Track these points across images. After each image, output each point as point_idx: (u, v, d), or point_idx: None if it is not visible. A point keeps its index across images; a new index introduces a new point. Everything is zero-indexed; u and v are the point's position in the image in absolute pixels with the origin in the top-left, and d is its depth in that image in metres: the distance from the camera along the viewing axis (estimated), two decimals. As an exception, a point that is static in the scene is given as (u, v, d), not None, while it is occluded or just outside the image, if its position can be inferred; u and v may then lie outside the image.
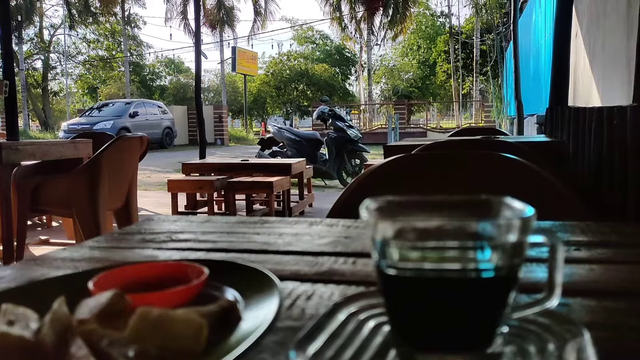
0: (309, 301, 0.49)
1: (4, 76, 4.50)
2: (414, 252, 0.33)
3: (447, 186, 1.39)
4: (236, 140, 23.69)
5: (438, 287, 0.33)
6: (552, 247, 0.35)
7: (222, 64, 31.38)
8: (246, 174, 5.73)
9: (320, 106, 9.43)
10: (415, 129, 20.69)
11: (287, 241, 0.71)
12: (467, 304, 0.33)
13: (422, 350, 0.33)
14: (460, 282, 0.32)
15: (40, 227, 5.37)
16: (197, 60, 7.92)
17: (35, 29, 30.54)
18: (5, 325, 0.34)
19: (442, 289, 0.33)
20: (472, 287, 0.32)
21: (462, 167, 1.44)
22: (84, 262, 0.63)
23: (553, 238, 0.35)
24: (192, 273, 0.46)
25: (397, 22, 26.86)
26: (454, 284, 0.32)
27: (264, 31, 31.19)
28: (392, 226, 0.33)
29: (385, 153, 2.90)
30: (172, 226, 0.83)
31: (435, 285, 0.33)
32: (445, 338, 0.33)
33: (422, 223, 0.33)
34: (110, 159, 3.50)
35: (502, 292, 0.33)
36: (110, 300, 0.38)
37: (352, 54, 38.76)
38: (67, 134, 16.56)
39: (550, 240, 0.35)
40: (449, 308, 0.33)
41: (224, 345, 0.36)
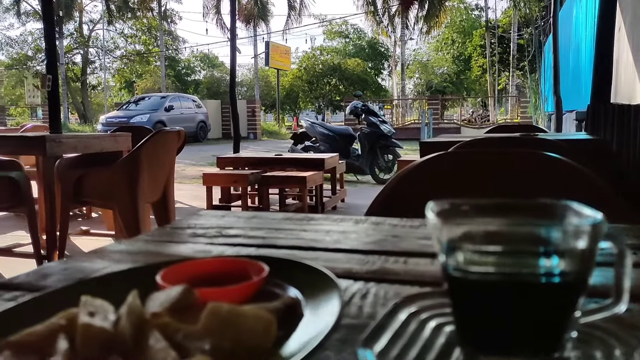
0: (364, 300, 0.49)
1: (47, 71, 4.63)
2: (482, 256, 0.33)
3: (491, 186, 1.37)
4: (268, 134, 23.85)
5: (505, 291, 0.33)
6: (620, 252, 0.35)
7: (256, 58, 31.59)
8: (279, 168, 5.77)
9: (353, 101, 9.41)
10: (449, 124, 20.43)
11: (335, 239, 0.72)
12: (534, 308, 0.33)
13: (487, 353, 0.34)
14: (528, 287, 0.33)
15: (80, 218, 5.52)
16: (232, 55, 8.00)
17: (75, 24, 31.32)
18: (88, 317, 0.36)
19: (509, 293, 0.33)
20: (540, 293, 0.33)
21: (506, 167, 1.42)
22: (141, 256, 0.65)
23: (620, 243, 0.35)
24: (253, 269, 0.47)
25: (432, 16, 26.54)
26: (521, 288, 0.33)
27: (298, 26, 31.22)
28: (460, 229, 0.33)
29: (422, 149, 2.89)
30: (220, 221, 0.85)
31: (502, 289, 0.33)
32: (511, 341, 0.34)
33: (491, 227, 0.34)
34: (149, 152, 3.57)
35: (570, 298, 0.33)
36: (180, 295, 0.39)
37: (385, 48, 38.49)
38: (105, 126, 16.95)
39: (617, 246, 0.35)
40: (516, 312, 0.33)
41: (290, 341, 0.37)
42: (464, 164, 1.56)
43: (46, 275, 0.58)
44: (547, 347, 0.33)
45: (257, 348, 0.35)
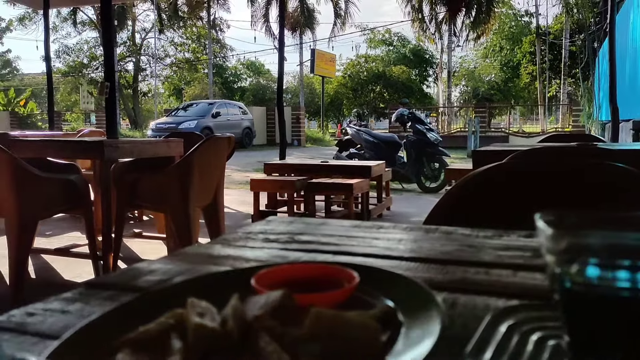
0: (453, 310, 0.49)
1: (105, 78, 4.80)
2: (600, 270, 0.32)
3: (555, 197, 1.33)
4: (312, 141, 23.98)
5: (623, 307, 0.32)
6: None
7: (301, 66, 31.88)
8: (325, 175, 5.79)
9: (399, 108, 9.35)
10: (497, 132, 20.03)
11: (410, 247, 0.72)
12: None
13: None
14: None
15: (132, 221, 5.69)
16: (280, 63, 8.10)
17: (128, 33, 32.41)
18: (198, 317, 0.37)
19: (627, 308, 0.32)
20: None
21: (570, 177, 1.39)
22: (222, 259, 0.67)
23: None
24: (343, 276, 0.48)
25: (480, 23, 26.13)
26: (639, 303, 0.32)
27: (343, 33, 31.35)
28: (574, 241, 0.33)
29: (474, 159, 2.84)
30: (290, 227, 0.86)
31: (621, 304, 0.32)
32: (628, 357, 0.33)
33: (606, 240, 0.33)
34: (201, 158, 3.64)
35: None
36: (280, 299, 0.40)
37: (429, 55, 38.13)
38: (155, 132, 17.45)
39: None
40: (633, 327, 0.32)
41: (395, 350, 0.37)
42: (525, 174, 1.53)
43: (135, 276, 0.60)
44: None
45: (364, 354, 0.35)
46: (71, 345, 0.37)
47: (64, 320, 0.47)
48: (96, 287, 0.56)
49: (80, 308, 0.50)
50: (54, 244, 4.36)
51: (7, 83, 42.02)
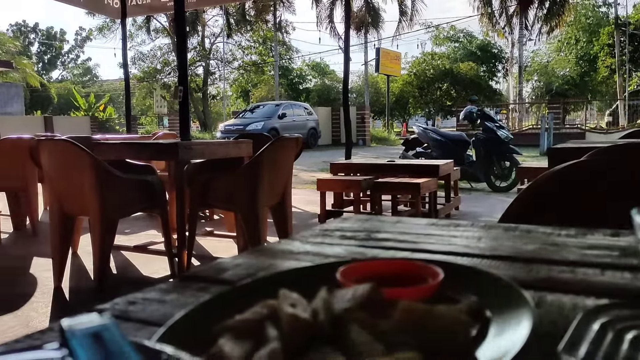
0: (540, 308, 0.48)
1: (179, 83, 5.00)
2: None
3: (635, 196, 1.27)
4: (377, 140, 23.87)
5: None
6: None
7: (366, 65, 31.81)
8: (392, 174, 5.75)
9: (467, 106, 9.14)
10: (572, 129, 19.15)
11: (490, 245, 0.71)
12: None
13: None
14: None
15: (203, 220, 5.89)
16: (345, 63, 8.13)
17: (198, 38, 33.55)
18: (291, 308, 0.38)
19: None
20: None
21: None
22: (302, 255, 0.69)
23: None
24: (426, 272, 0.48)
25: (553, 15, 25.05)
26: None
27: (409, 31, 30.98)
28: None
29: (550, 156, 2.73)
30: (365, 225, 0.87)
31: None
32: None
33: None
34: (269, 158, 3.72)
35: None
36: (368, 293, 0.41)
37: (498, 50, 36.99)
38: (224, 134, 17.98)
39: None
40: None
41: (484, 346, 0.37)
42: (606, 173, 1.46)
43: (222, 270, 0.63)
44: None
45: (455, 348, 0.35)
46: (176, 331, 0.40)
47: (162, 309, 0.50)
48: (188, 280, 0.59)
49: (175, 298, 0.53)
50: (132, 241, 4.59)
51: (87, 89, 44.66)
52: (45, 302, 3.21)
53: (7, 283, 3.68)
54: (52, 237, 3.54)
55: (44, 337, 0.43)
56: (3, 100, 24.00)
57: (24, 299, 3.24)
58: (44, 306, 3.14)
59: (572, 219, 1.33)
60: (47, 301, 3.23)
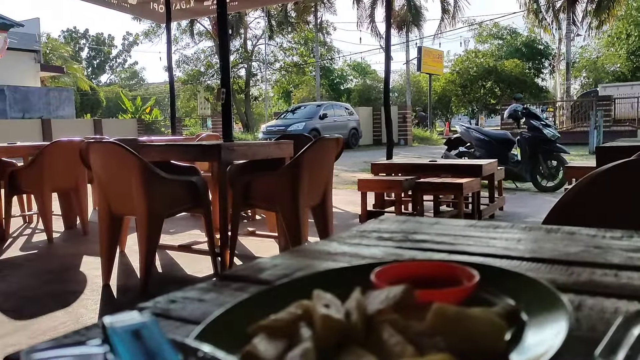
0: (579, 312, 0.47)
1: (222, 85, 5.07)
2: None
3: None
4: (419, 140, 23.62)
5: None
6: None
7: (408, 64, 31.52)
8: (434, 174, 5.68)
9: (512, 104, 8.93)
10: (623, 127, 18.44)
11: (530, 248, 0.70)
12: None
13: None
14: None
15: (245, 220, 5.97)
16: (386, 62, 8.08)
17: (241, 41, 34.04)
18: (325, 308, 0.39)
19: None
20: None
21: None
22: (339, 255, 0.69)
23: None
24: (462, 275, 0.48)
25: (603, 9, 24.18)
26: None
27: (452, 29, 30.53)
28: None
29: (598, 155, 2.65)
30: (403, 226, 0.87)
31: None
32: None
33: None
34: (310, 159, 3.74)
35: None
36: (401, 294, 0.41)
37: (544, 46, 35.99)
38: (266, 135, 18.16)
39: None
40: None
41: (521, 348, 0.37)
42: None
43: (261, 270, 0.64)
44: None
45: (489, 351, 0.35)
46: (212, 329, 0.42)
47: (202, 308, 0.51)
48: (227, 279, 0.61)
49: (214, 297, 0.54)
50: (177, 240, 4.70)
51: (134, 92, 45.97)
52: (95, 300, 3.33)
53: (59, 280, 3.83)
54: (101, 236, 3.66)
55: (89, 334, 0.45)
56: (55, 104, 24.99)
57: (74, 295, 3.37)
58: (93, 303, 3.26)
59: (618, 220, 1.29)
60: (96, 298, 3.35)
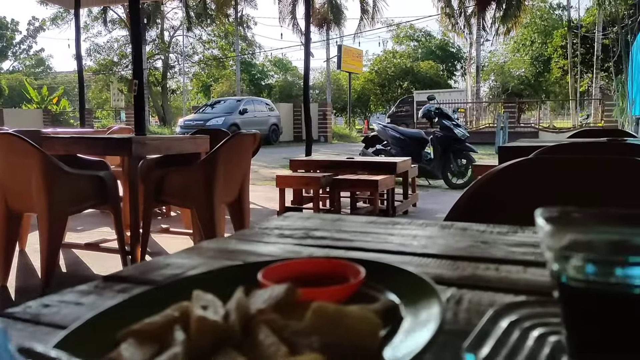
0: (459, 306, 0.49)
1: (134, 76, 4.88)
2: (598, 266, 0.32)
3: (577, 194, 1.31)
4: (339, 137, 23.96)
5: (619, 302, 0.32)
6: None
7: (328, 62, 31.84)
8: (351, 171, 5.78)
9: (426, 104, 9.28)
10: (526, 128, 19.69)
11: (423, 243, 0.72)
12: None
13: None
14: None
15: (160, 217, 5.79)
16: (306, 59, 8.11)
17: (157, 31, 32.89)
18: (201, 310, 0.38)
19: (624, 305, 0.32)
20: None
21: (594, 173, 1.36)
22: (235, 254, 0.68)
23: None
24: (349, 271, 0.48)
25: (510, 16, 25.69)
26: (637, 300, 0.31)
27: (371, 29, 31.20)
28: (575, 237, 0.33)
29: (500, 155, 2.80)
30: (306, 223, 0.86)
31: (617, 300, 0.32)
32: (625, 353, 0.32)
33: (611, 235, 0.32)
34: (226, 154, 3.68)
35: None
36: (284, 293, 0.41)
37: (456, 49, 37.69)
38: (183, 129, 17.69)
39: None
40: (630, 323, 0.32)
41: (393, 344, 0.38)
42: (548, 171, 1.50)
43: (149, 270, 0.61)
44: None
45: (364, 349, 0.35)
46: (78, 335, 0.39)
47: (78, 312, 0.48)
48: (112, 281, 0.57)
49: (93, 300, 0.51)
50: (84, 238, 4.47)
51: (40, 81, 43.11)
52: (-11, 302, 3.09)
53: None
54: (-3, 234, 3.40)
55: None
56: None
57: (-35, 299, 3.12)
58: (-12, 306, 3.03)
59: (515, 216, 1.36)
60: (-9, 301, 3.11)
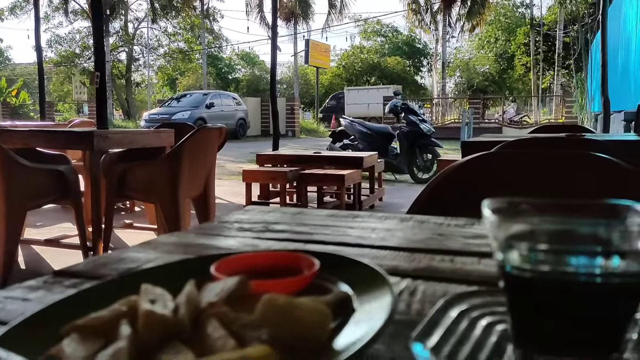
0: (413, 297, 0.50)
1: (96, 68, 4.77)
2: (541, 255, 0.33)
3: (536, 187, 1.35)
4: (307, 132, 23.94)
5: (563, 291, 0.33)
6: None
7: (296, 56, 31.74)
8: (318, 166, 5.79)
9: (393, 99, 9.35)
10: (490, 124, 20.07)
11: (381, 236, 0.72)
12: (593, 309, 0.32)
13: (542, 353, 0.34)
14: (587, 287, 0.32)
15: (124, 212, 5.68)
16: (272, 53, 8.07)
17: (121, 22, 32.16)
18: (149, 304, 0.37)
19: (568, 293, 0.33)
20: (599, 293, 0.32)
21: (552, 167, 1.40)
22: (191, 248, 0.67)
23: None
24: (304, 264, 0.48)
25: (475, 13, 26.11)
26: (581, 288, 0.32)
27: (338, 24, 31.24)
28: (519, 227, 0.33)
29: (463, 149, 2.85)
30: (266, 217, 0.86)
31: (561, 288, 0.33)
32: (568, 342, 0.33)
33: (551, 226, 0.33)
34: (191, 148, 3.64)
35: (631, 299, 0.32)
36: (236, 286, 0.40)
37: (422, 45, 38.10)
38: (148, 123, 17.38)
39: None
40: (574, 312, 0.33)
41: (343, 335, 0.38)
42: (508, 165, 1.53)
43: (103, 265, 0.60)
44: (606, 348, 0.33)
45: (313, 340, 0.35)
46: (19, 331, 0.38)
47: (24, 308, 0.47)
48: (62, 276, 0.56)
49: (41, 296, 0.50)
50: (44, 234, 4.35)
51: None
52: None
53: None
54: (-49, 231, 3.28)
55: None
56: None
57: None
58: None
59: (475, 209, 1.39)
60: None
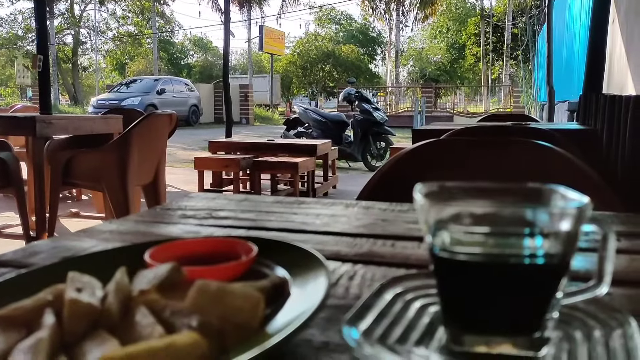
0: (351, 281, 0.50)
1: (38, 51, 4.58)
2: (468, 237, 0.34)
3: (479, 173, 1.38)
4: (261, 119, 23.75)
5: (489, 272, 0.33)
6: (604, 236, 0.36)
7: (249, 42, 31.34)
8: (271, 154, 5.76)
9: (347, 88, 9.39)
10: (442, 113, 20.46)
11: (325, 222, 0.72)
12: (517, 289, 0.33)
13: (470, 332, 0.34)
14: (512, 267, 0.33)
15: (70, 200, 5.50)
16: (225, 38, 7.94)
17: (66, 4, 30.88)
18: (75, 292, 0.36)
19: (493, 274, 0.34)
20: (523, 273, 0.33)
21: (497, 154, 1.44)
22: (130, 236, 0.65)
23: (605, 227, 0.36)
24: (242, 250, 0.47)
25: (427, 3, 26.44)
26: (505, 269, 0.33)
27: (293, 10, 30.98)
28: (447, 211, 0.34)
29: (414, 137, 2.90)
30: (211, 203, 0.85)
31: (487, 269, 0.33)
32: (494, 321, 0.34)
33: (477, 209, 0.34)
34: (140, 135, 3.55)
35: (553, 279, 0.34)
36: (168, 273, 0.40)
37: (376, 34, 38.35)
38: (96, 109, 16.82)
39: (602, 229, 0.36)
40: (499, 292, 0.34)
41: (277, 319, 0.38)
42: (455, 152, 1.57)
43: (34, 253, 0.58)
44: (529, 327, 0.34)
45: (245, 325, 0.35)
46: None
47: (-56, 299, 0.44)
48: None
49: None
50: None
51: None
52: None
53: None
54: None
55: None
56: None
57: None
58: None
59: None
60: None
